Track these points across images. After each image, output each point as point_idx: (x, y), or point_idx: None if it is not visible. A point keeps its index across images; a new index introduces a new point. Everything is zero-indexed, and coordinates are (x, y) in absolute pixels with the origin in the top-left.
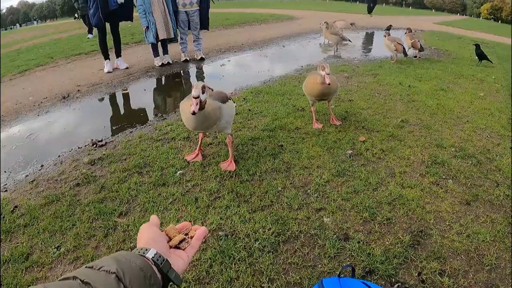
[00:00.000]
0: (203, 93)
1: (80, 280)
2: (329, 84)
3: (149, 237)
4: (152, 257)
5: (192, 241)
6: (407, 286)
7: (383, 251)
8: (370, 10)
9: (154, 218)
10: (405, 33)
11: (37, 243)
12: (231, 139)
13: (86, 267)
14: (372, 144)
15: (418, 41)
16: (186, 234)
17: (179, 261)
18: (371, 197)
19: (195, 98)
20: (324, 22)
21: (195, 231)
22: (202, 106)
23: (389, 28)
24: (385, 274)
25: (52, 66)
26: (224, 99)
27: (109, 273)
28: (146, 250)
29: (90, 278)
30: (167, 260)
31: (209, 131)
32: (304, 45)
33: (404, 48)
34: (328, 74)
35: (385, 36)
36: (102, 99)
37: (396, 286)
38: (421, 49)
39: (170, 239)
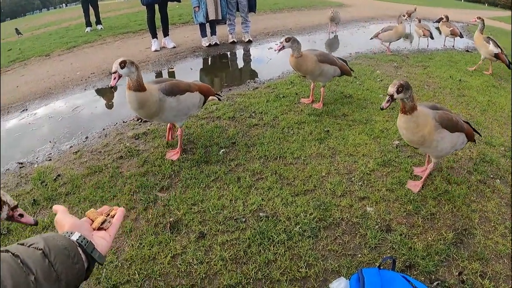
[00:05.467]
0: (122, 68)
1: (11, 253)
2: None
3: (71, 223)
4: (77, 239)
5: (113, 220)
6: (446, 285)
7: (425, 247)
8: None
9: (59, 207)
10: (439, 21)
11: (77, 211)
12: (181, 132)
13: (18, 243)
14: None
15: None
16: (108, 215)
17: (102, 242)
18: None
19: (113, 73)
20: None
21: (116, 211)
22: (136, 86)
23: (439, 20)
24: (425, 270)
25: (100, 44)
26: (176, 90)
27: (37, 249)
28: (71, 233)
29: (20, 252)
30: (90, 241)
31: (156, 121)
32: (353, 33)
33: (431, 33)
34: (281, 43)
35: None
36: (149, 76)
37: (435, 284)
38: (461, 36)
39: (92, 222)
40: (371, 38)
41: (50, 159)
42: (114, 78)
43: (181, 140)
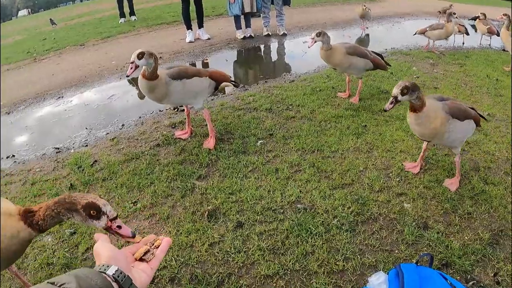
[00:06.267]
0: (139, 59)
1: None
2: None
3: (108, 255)
4: (113, 274)
5: (157, 252)
6: (482, 285)
7: (461, 246)
8: None
9: (101, 235)
10: (475, 19)
11: (114, 197)
12: (207, 116)
13: (47, 282)
14: None
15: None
16: (152, 245)
17: (142, 275)
18: None
19: (130, 63)
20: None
21: (161, 241)
22: (150, 76)
23: (475, 18)
24: (461, 269)
25: (134, 34)
26: (183, 75)
27: None
28: (107, 267)
29: None
30: (128, 276)
31: (166, 103)
32: (388, 28)
33: (466, 29)
34: (313, 39)
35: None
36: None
37: (471, 283)
38: (498, 34)
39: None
40: (415, 34)
41: (87, 145)
42: (131, 68)
43: (210, 124)
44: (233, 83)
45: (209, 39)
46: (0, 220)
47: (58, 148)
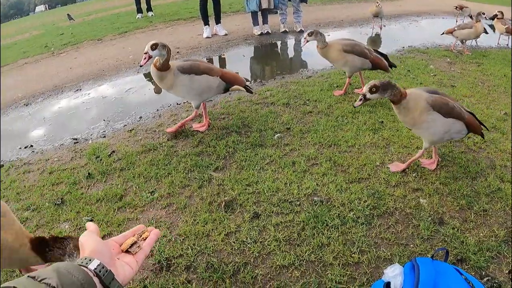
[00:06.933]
0: (152, 50)
1: None
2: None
3: (93, 248)
4: (95, 268)
5: (144, 244)
6: (496, 281)
7: (477, 242)
8: None
9: (91, 225)
10: (493, 18)
11: (132, 186)
12: (195, 114)
13: (28, 276)
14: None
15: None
16: (140, 237)
17: (126, 269)
18: (469, 185)
19: (145, 53)
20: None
21: (149, 233)
22: (161, 67)
23: (494, 17)
24: (476, 265)
25: (151, 30)
26: (193, 70)
27: (49, 286)
28: (90, 260)
29: None
30: (110, 271)
31: (174, 94)
32: (405, 27)
33: (484, 28)
34: (305, 38)
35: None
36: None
37: (485, 279)
38: None
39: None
40: (442, 34)
41: (105, 136)
42: (145, 58)
43: (185, 122)
44: (247, 88)
45: (226, 35)
46: (11, 249)
47: (76, 139)
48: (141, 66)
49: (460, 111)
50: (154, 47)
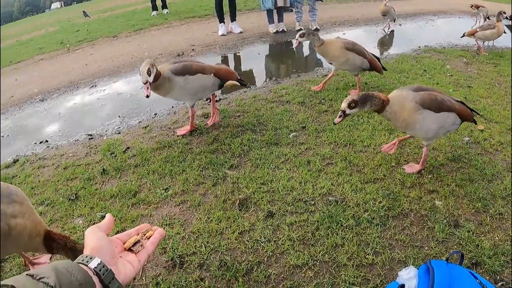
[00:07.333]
0: (149, 75)
1: None
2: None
3: (95, 245)
4: (95, 267)
5: (147, 244)
6: (510, 286)
7: (492, 246)
8: None
9: (108, 217)
10: (511, 18)
11: (146, 183)
12: (192, 113)
13: (27, 274)
14: (490, 134)
15: None
16: (144, 236)
17: (128, 268)
18: (485, 188)
19: (144, 83)
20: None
21: (153, 232)
22: (154, 79)
23: (511, 17)
24: (490, 269)
25: (166, 27)
26: (186, 71)
27: (47, 286)
28: (90, 258)
29: None
30: (110, 270)
31: (171, 99)
32: (421, 26)
33: (505, 27)
34: (297, 40)
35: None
36: (216, 58)
37: (500, 284)
38: None
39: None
40: (463, 36)
41: (119, 132)
42: (147, 88)
43: (192, 120)
44: (240, 81)
45: (241, 32)
46: (29, 235)
47: (91, 135)
48: (147, 96)
49: (449, 103)
50: (149, 72)
